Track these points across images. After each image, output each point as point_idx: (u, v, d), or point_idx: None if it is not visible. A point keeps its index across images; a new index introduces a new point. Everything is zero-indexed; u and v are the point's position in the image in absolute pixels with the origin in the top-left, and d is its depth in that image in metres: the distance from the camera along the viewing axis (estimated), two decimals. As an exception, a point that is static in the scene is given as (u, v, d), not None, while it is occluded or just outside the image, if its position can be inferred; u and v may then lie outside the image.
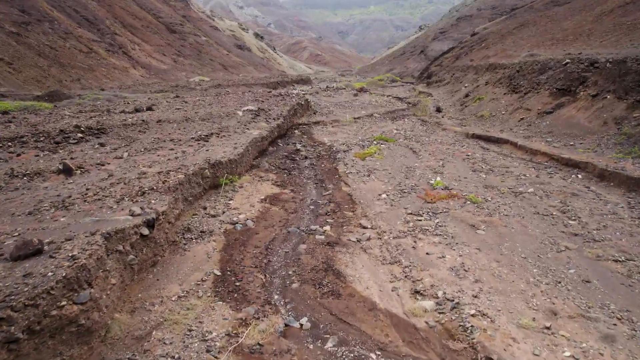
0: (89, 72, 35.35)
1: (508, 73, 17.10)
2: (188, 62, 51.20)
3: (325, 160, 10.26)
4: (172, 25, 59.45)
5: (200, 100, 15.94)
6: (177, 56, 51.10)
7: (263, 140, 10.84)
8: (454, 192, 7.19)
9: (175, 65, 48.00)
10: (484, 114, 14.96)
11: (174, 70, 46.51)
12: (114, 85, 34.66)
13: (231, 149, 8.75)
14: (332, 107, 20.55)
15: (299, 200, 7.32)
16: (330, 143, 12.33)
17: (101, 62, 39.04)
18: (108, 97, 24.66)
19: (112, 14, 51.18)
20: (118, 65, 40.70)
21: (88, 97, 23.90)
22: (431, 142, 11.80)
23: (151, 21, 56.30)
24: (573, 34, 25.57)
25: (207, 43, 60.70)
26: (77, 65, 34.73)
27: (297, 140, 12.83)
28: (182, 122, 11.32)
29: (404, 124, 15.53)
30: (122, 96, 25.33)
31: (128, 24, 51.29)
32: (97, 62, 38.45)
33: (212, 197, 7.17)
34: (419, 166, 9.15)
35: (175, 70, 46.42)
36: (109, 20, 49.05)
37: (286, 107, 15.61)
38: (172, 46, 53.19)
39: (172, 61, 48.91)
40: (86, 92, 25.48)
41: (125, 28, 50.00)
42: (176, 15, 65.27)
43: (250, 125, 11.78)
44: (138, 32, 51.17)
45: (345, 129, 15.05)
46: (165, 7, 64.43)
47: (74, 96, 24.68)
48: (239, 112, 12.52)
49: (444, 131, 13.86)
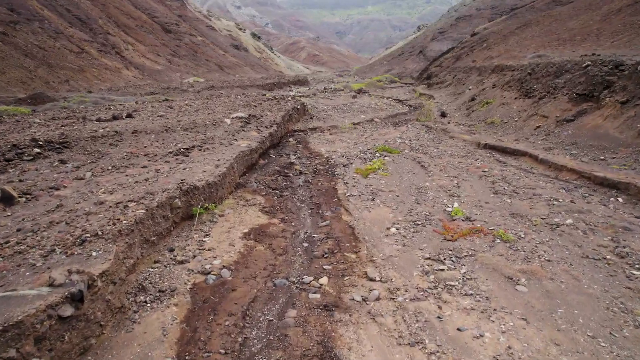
0: (79, 72, 33.87)
1: (518, 75, 15.79)
2: (183, 62, 49.75)
3: (323, 177, 8.92)
4: (167, 25, 57.95)
5: (186, 106, 14.57)
6: (172, 56, 49.63)
7: (252, 153, 9.50)
8: (478, 224, 5.87)
9: (169, 66, 46.54)
10: (495, 120, 13.64)
11: (169, 70, 45.06)
12: (104, 86, 33.22)
13: (212, 167, 7.41)
14: (330, 111, 19.23)
15: (291, 234, 5.99)
16: (328, 154, 10.99)
17: (92, 62, 37.56)
18: (95, 100, 23.24)
19: (105, 13, 49.65)
20: (110, 65, 39.23)
21: (73, 100, 22.47)
22: (440, 154, 10.48)
23: (146, 21, 54.79)
24: (580, 33, 24.32)
25: (203, 43, 59.23)
26: (66, 66, 33.24)
27: (291, 151, 11.50)
28: (162, 132, 9.95)
29: (407, 130, 14.21)
30: (109, 99, 23.93)
31: (122, 24, 49.77)
32: (88, 62, 36.96)
33: (185, 231, 5.83)
34: (431, 186, 7.82)
35: (169, 71, 44.98)
36: (102, 20, 47.54)
37: (280, 112, 14.27)
38: (167, 46, 51.72)
39: (167, 62, 47.45)
40: (72, 95, 24.05)
41: (119, 28, 48.49)
42: (172, 14, 63.75)
43: (239, 135, 10.44)
44: (132, 31, 49.66)
45: (345, 136, 13.72)
46: (160, 7, 62.90)
47: (58, 99, 23.24)
48: (227, 120, 11.17)
49: (451, 139, 12.55)
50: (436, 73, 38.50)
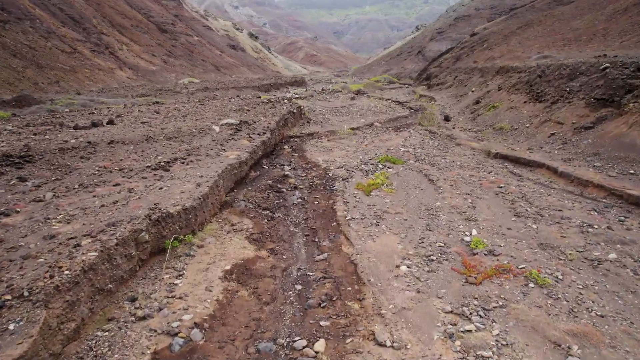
0: (71, 73, 32.71)
1: (526, 78, 14.81)
2: (179, 62, 48.60)
3: (320, 194, 7.91)
4: (163, 25, 56.75)
5: (175, 110, 13.52)
6: (167, 57, 48.47)
7: (242, 165, 8.48)
8: (504, 260, 4.88)
9: (164, 66, 45.39)
10: (504, 126, 12.66)
11: (164, 71, 43.92)
12: (97, 87, 32.09)
13: (193, 187, 6.38)
14: (327, 114, 18.21)
15: (281, 272, 4.98)
16: (326, 165, 9.98)
17: (85, 62, 36.40)
18: (83, 102, 22.16)
19: (100, 12, 48.44)
20: (103, 66, 38.08)
21: (61, 103, 21.38)
22: (449, 165, 9.48)
23: (141, 20, 53.57)
24: (586, 33, 23.39)
25: (199, 43, 58.06)
26: (57, 66, 32.08)
27: (286, 161, 10.48)
28: (142, 142, 8.91)
29: (410, 136, 13.21)
30: (99, 101, 22.85)
31: (117, 23, 48.58)
32: (81, 62, 35.80)
33: (154, 270, 4.81)
34: (442, 206, 6.83)
35: (164, 72, 43.84)
36: (96, 19, 46.34)
37: (275, 117, 13.25)
38: (162, 46, 50.54)
39: (162, 62, 46.29)
40: (60, 97, 22.96)
41: (114, 27, 47.31)
42: (168, 14, 62.53)
43: (228, 144, 9.41)
44: (127, 31, 48.48)
45: (344, 143, 12.71)
46: (156, 6, 61.66)
47: (45, 101, 22.13)
48: (216, 128, 10.13)
49: (459, 147, 11.57)
50: (436, 74, 37.54)
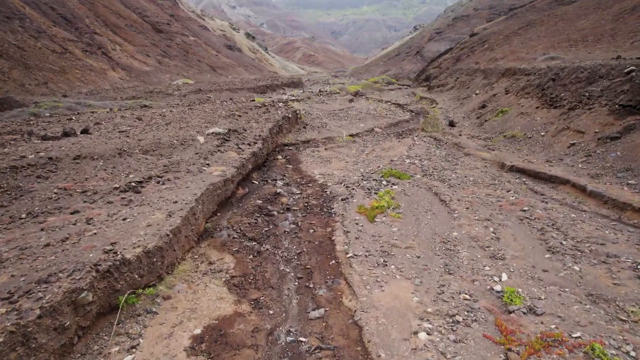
0: (60, 74, 31.44)
1: (536, 80, 13.73)
2: (174, 63, 47.33)
3: (316, 218, 6.79)
4: (158, 25, 55.43)
5: (160, 116, 12.36)
6: (162, 57, 47.19)
7: (227, 184, 7.34)
8: (551, 324, 3.78)
9: (159, 67, 44.11)
10: (516, 133, 11.57)
11: (158, 72, 42.65)
12: (87, 89, 30.82)
13: (163, 217, 5.25)
14: (325, 118, 17.10)
15: (265, 337, 3.85)
16: (323, 180, 8.86)
17: (76, 63, 35.10)
18: (69, 105, 20.92)
19: (93, 12, 47.07)
20: (95, 66, 36.78)
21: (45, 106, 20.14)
22: (460, 180, 8.38)
23: (136, 20, 52.24)
24: (593, 34, 22.33)
25: (195, 43, 56.76)
26: (46, 67, 30.79)
27: (278, 175, 9.35)
28: (114, 157, 7.75)
29: (414, 145, 12.12)
30: (86, 104, 21.63)
31: (111, 23, 47.24)
32: (72, 63, 34.50)
33: (100, 339, 3.68)
34: (460, 238, 5.72)
35: (159, 72, 42.57)
36: (89, 19, 44.99)
37: (268, 124, 12.12)
38: (157, 46, 49.26)
39: (157, 62, 45.01)
40: (45, 99, 21.71)
41: (107, 27, 45.97)
42: (163, 14, 61.19)
43: (213, 157, 8.27)
44: (121, 31, 47.15)
45: (342, 152, 11.59)
46: (151, 6, 60.30)
47: (29, 104, 20.87)
48: (200, 138, 8.98)
49: (468, 157, 10.47)
50: (435, 75, 36.47)
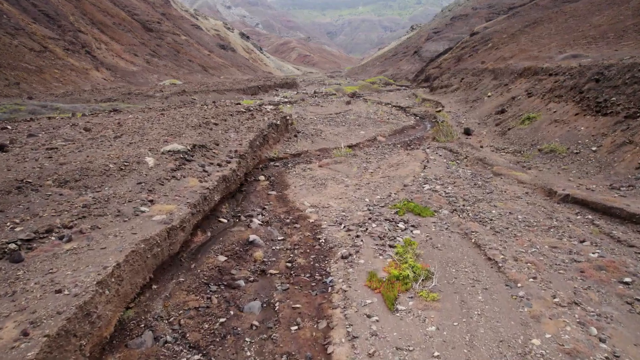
0: (36, 74, 28.71)
1: (570, 82, 11.38)
2: (163, 63, 44.61)
3: (304, 297, 4.40)
4: (148, 24, 52.59)
5: (113, 126, 9.83)
6: (151, 57, 44.45)
7: (173, 235, 4.88)
8: None
9: (147, 67, 41.38)
10: (555, 147, 9.19)
11: (145, 72, 39.93)
12: (65, 89, 28.15)
13: (16, 334, 2.79)
14: (320, 124, 14.65)
15: None
16: (317, 216, 6.43)
17: (56, 62, 32.35)
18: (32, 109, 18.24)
19: (80, 9, 44.23)
20: (77, 66, 34.02)
21: (4, 109, 17.48)
22: (505, 220, 5.97)
23: (125, 18, 49.39)
24: (612, 30, 20.00)
25: (186, 43, 54.00)
26: (20, 66, 28.06)
27: (256, 206, 6.90)
28: (7, 194, 5.24)
29: (428, 159, 9.72)
30: (53, 107, 18.98)
31: (98, 21, 44.42)
32: (51, 62, 31.75)
33: None
34: (549, 354, 3.30)
35: (146, 72, 39.85)
36: (74, 16, 42.15)
37: (250, 133, 9.65)
38: (146, 46, 46.48)
39: (145, 62, 42.28)
40: (6, 102, 19.07)
41: (94, 25, 43.16)
42: (154, 12, 58.31)
43: (163, 188, 5.80)
44: (108, 29, 44.35)
45: (341, 170, 9.16)
46: (142, 4, 57.41)
47: (-13, 107, 18.23)
48: (150, 160, 6.49)
49: (499, 179, 8.08)
50: (436, 75, 34.10)
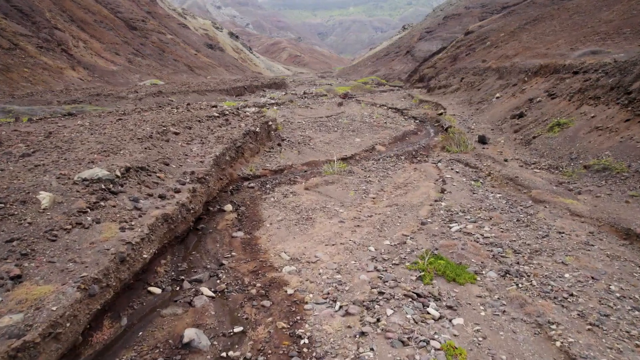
0: (2, 73, 25.99)
1: (607, 80, 9.35)
2: (146, 62, 41.90)
3: None
4: (132, 22, 49.71)
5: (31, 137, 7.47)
6: (133, 56, 41.70)
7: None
8: None
9: (129, 67, 38.67)
10: (608, 164, 7.14)
11: (127, 72, 37.23)
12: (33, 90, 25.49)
13: None
14: (308, 129, 12.44)
15: None
16: (299, 286, 4.29)
17: (26, 61, 29.58)
18: (-21, 113, 15.81)
19: (58, 6, 41.25)
20: (51, 65, 31.24)
21: (-56, 113, 15.05)
22: (594, 294, 3.85)
23: (107, 16, 46.49)
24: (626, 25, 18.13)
25: (172, 42, 51.24)
26: (-17, 64, 25.34)
27: (212, 258, 4.74)
28: None
29: (441, 176, 7.60)
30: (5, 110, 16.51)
31: (77, 18, 41.52)
32: (20, 60, 28.98)
33: None
34: None
35: (127, 72, 37.16)
36: (51, 13, 39.18)
37: (219, 145, 7.41)
38: (129, 44, 43.69)
39: (127, 61, 39.54)
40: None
41: (73, 22, 40.26)
42: (139, 10, 55.37)
43: (50, 250, 3.59)
44: (88, 27, 41.47)
45: (333, 198, 6.97)
46: (126, 2, 54.43)
47: None
48: (46, 198, 4.21)
49: (544, 208, 5.97)
50: (431, 75, 32.08)
